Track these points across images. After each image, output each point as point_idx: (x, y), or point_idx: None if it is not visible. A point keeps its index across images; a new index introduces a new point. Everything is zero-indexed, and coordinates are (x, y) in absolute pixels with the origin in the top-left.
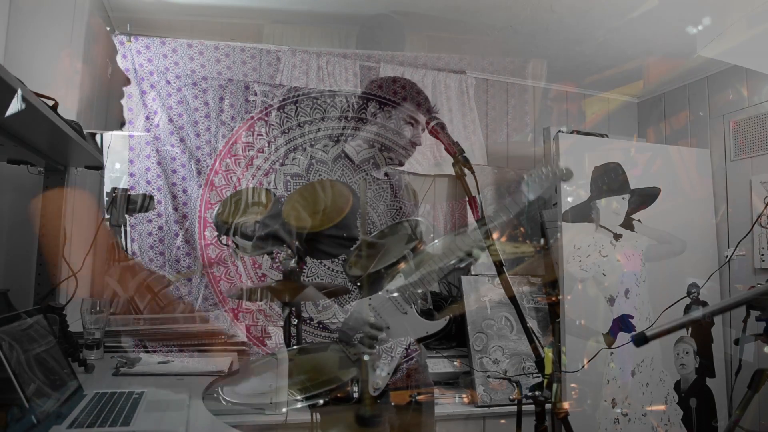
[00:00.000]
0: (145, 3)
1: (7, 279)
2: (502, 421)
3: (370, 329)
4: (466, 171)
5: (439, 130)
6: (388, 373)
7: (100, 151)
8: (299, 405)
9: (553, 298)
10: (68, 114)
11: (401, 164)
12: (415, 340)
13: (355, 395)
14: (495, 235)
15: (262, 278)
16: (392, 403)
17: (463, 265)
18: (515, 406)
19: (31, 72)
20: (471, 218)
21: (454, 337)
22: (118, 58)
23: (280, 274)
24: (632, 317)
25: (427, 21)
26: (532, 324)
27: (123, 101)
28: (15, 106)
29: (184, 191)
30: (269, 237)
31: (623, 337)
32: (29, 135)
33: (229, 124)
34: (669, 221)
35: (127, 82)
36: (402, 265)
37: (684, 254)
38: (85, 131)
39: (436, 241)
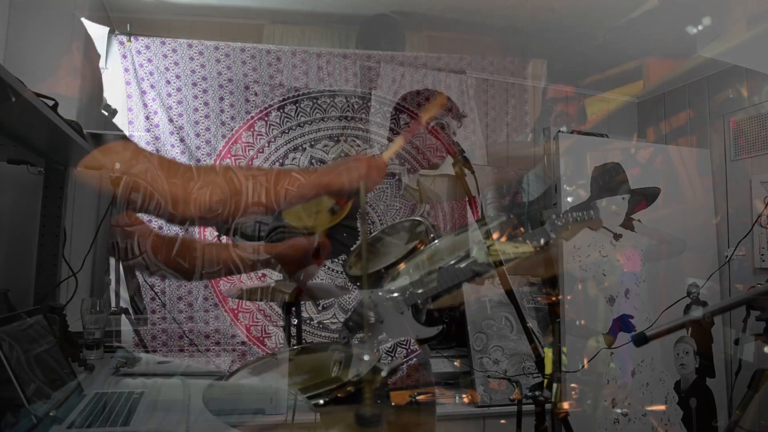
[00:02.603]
0: (145, 3)
1: (7, 279)
2: (502, 421)
3: (362, 315)
4: (466, 171)
5: (438, 130)
6: (371, 363)
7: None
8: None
9: (553, 298)
10: (68, 114)
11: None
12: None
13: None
14: (495, 235)
15: (262, 278)
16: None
17: (463, 264)
18: (515, 406)
19: (31, 72)
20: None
21: (454, 337)
22: (118, 58)
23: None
24: (632, 317)
25: (427, 21)
26: (532, 324)
27: (123, 100)
28: (15, 106)
29: None
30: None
31: (623, 337)
32: (29, 135)
33: (229, 124)
34: (669, 221)
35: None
36: (402, 265)
37: (684, 254)
38: (85, 131)
39: (436, 241)
